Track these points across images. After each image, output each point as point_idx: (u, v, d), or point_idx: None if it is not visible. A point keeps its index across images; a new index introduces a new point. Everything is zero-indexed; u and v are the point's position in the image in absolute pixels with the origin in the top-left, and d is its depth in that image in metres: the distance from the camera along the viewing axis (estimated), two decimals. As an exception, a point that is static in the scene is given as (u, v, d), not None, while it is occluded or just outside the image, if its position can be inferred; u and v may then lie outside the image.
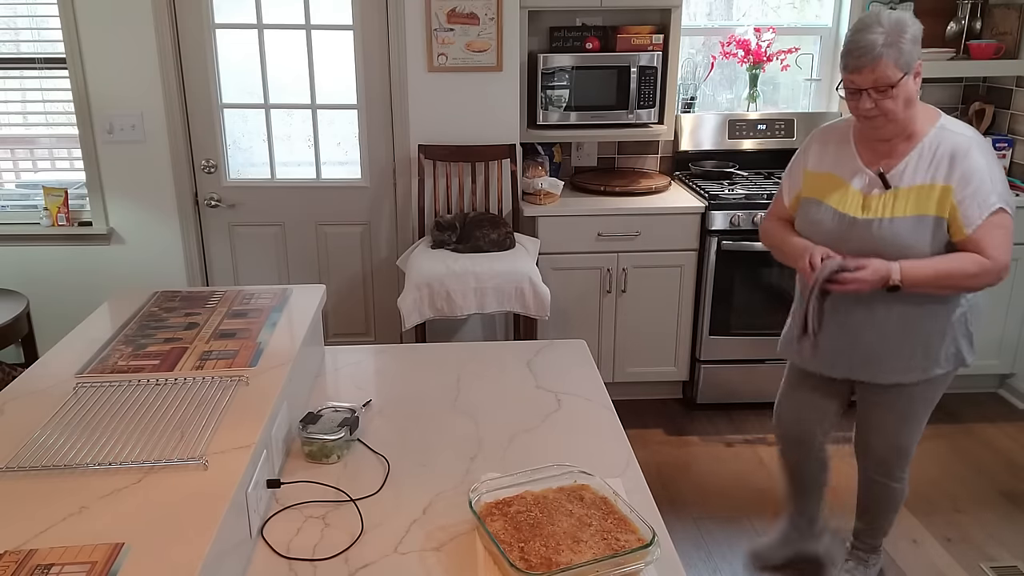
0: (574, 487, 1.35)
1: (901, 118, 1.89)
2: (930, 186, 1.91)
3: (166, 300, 1.92)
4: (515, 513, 1.28)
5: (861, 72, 1.84)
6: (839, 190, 2.03)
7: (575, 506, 1.30)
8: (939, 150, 1.92)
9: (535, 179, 3.51)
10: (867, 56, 1.82)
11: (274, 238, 3.65)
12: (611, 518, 1.27)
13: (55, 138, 3.59)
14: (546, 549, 1.20)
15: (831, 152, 2.09)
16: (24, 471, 1.21)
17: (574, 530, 1.24)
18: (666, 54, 3.54)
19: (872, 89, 1.85)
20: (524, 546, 1.20)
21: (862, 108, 1.89)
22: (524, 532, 1.24)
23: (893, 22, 1.82)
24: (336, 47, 3.45)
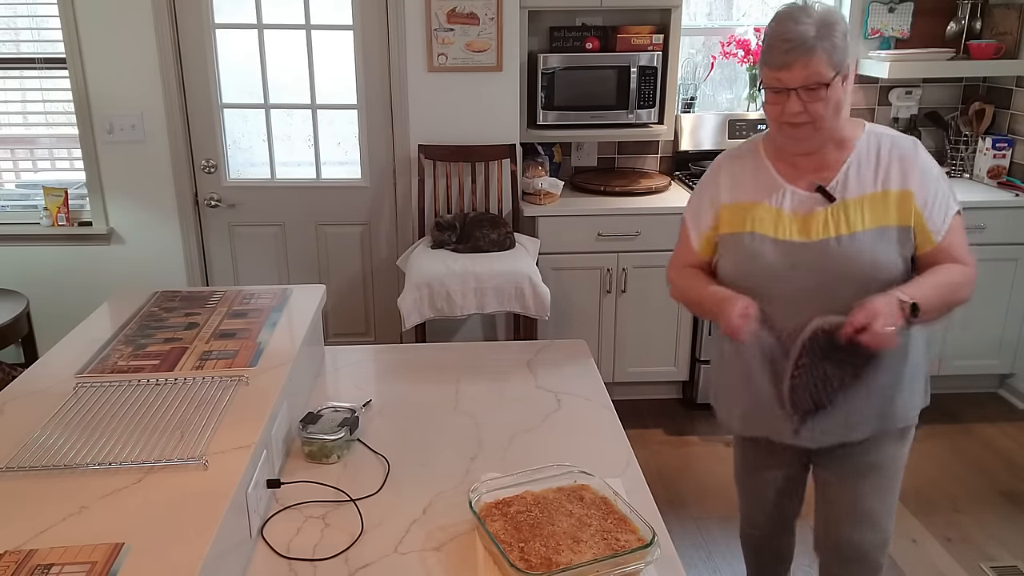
0: (574, 487, 1.35)
1: (828, 126, 1.62)
2: (883, 193, 1.64)
3: (166, 300, 1.92)
4: (515, 513, 1.28)
5: (791, 68, 1.55)
6: (768, 217, 1.70)
7: (575, 506, 1.30)
8: (882, 153, 1.67)
9: (535, 179, 3.51)
10: (798, 49, 1.54)
11: (274, 238, 3.65)
12: (611, 518, 1.27)
13: (55, 138, 3.59)
14: (546, 549, 1.20)
15: (747, 177, 1.76)
16: (24, 471, 1.21)
17: (574, 530, 1.24)
18: (666, 54, 3.54)
19: (802, 89, 1.57)
20: (524, 546, 1.20)
21: (788, 112, 1.59)
22: (524, 532, 1.24)
23: (824, 14, 1.58)
24: (336, 47, 3.45)
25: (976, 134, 3.78)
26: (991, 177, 3.69)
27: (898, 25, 3.75)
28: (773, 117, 1.64)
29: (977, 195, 3.52)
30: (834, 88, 1.58)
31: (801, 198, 1.68)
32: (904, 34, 3.76)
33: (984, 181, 3.71)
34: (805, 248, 1.66)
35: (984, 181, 3.71)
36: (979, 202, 3.43)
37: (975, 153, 3.79)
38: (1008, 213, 3.43)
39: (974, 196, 3.49)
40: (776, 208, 1.70)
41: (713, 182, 1.82)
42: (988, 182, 3.69)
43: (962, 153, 3.83)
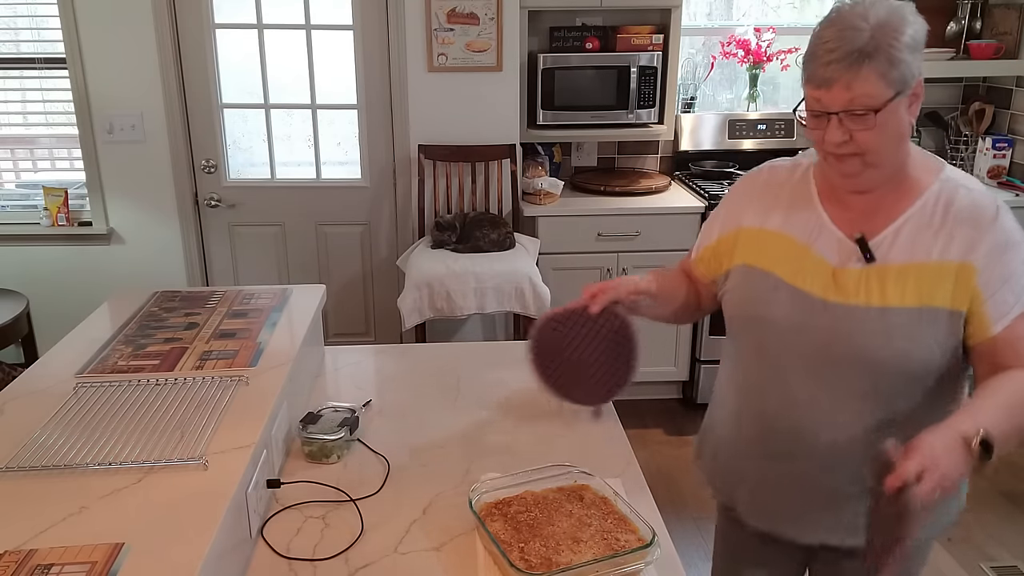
0: (574, 487, 1.35)
1: (886, 161, 1.27)
2: (939, 264, 1.27)
3: (166, 300, 1.92)
4: (515, 513, 1.28)
5: (831, 87, 1.21)
6: (796, 259, 1.36)
7: (575, 506, 1.30)
8: (952, 211, 1.28)
9: (535, 179, 3.51)
10: (842, 62, 1.20)
11: (274, 238, 3.65)
12: (611, 518, 1.27)
13: (55, 138, 3.59)
14: (546, 549, 1.20)
15: (782, 203, 1.42)
16: (24, 471, 1.21)
17: (574, 530, 1.24)
18: (666, 54, 3.54)
19: (845, 113, 1.22)
20: (524, 546, 1.20)
21: (830, 141, 1.25)
22: (524, 532, 1.24)
23: (885, 16, 1.21)
24: (336, 47, 3.45)
25: (976, 134, 3.78)
26: (991, 177, 3.70)
27: (898, 25, 3.75)
28: (815, 144, 1.32)
29: (977, 195, 3.52)
30: (891, 113, 1.21)
31: (839, 244, 1.33)
32: (904, 34, 3.76)
33: (984, 181, 3.71)
34: (826, 310, 1.32)
35: (984, 181, 3.71)
36: (979, 202, 3.43)
37: (975, 153, 3.79)
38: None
39: (974, 196, 3.49)
40: (809, 250, 1.35)
41: (742, 196, 1.50)
42: (988, 182, 3.69)
43: (962, 153, 3.83)
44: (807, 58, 1.26)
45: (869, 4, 1.23)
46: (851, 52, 1.19)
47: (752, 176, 1.51)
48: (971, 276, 1.26)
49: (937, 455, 1.07)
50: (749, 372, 1.45)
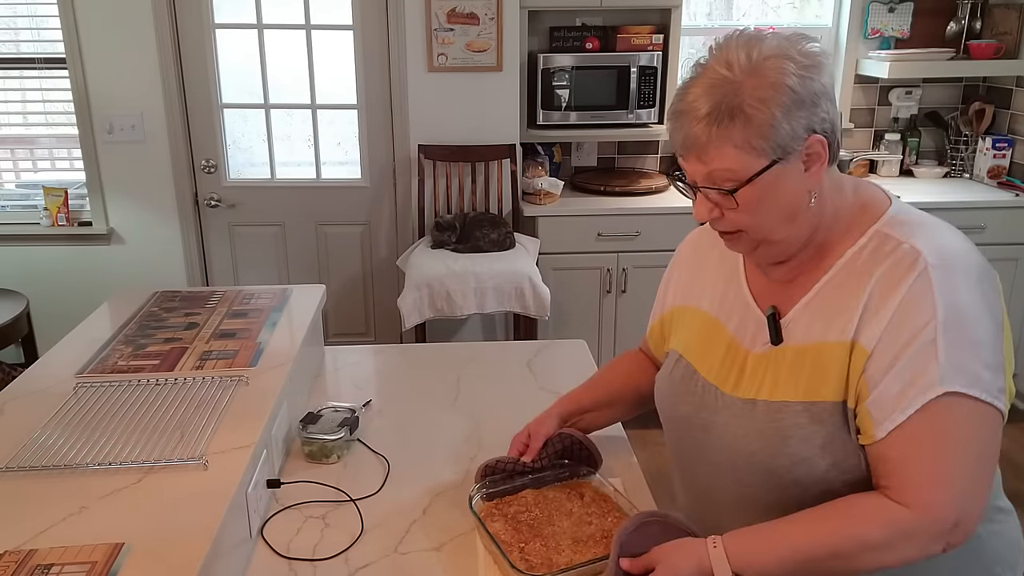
0: (574, 485, 1.35)
1: (779, 236, 1.03)
2: (837, 343, 1.01)
3: (166, 300, 1.92)
4: (515, 513, 1.28)
5: (686, 157, 1.02)
6: (709, 339, 1.18)
7: (575, 505, 1.30)
8: (869, 271, 1.00)
9: (535, 179, 3.51)
10: (694, 127, 0.98)
11: (274, 238, 3.65)
12: (611, 516, 1.27)
13: (55, 138, 3.59)
14: (546, 549, 1.20)
15: (708, 274, 1.23)
16: (24, 471, 1.21)
17: (575, 529, 1.24)
18: (666, 54, 3.54)
19: (706, 187, 1.01)
20: (524, 546, 1.20)
21: (698, 216, 1.05)
22: (524, 532, 1.23)
23: (758, 60, 0.96)
24: (336, 47, 3.45)
25: (976, 134, 3.78)
26: (991, 177, 3.69)
27: (898, 25, 3.75)
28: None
29: (977, 195, 3.52)
30: (767, 186, 0.98)
31: (756, 323, 1.12)
32: (904, 34, 3.76)
33: (984, 181, 3.71)
34: (718, 403, 1.12)
35: (984, 181, 3.71)
36: (979, 202, 3.43)
37: (975, 153, 3.79)
38: (1008, 213, 3.43)
39: (974, 196, 3.50)
40: (723, 327, 1.16)
41: (676, 264, 1.33)
42: (988, 182, 3.69)
43: (962, 153, 3.83)
44: (667, 115, 1.06)
45: (742, 42, 0.97)
46: (702, 117, 0.96)
47: (683, 244, 1.33)
48: (859, 357, 0.99)
49: (667, 567, 0.99)
50: (673, 462, 1.29)
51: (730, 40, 0.99)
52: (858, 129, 3.97)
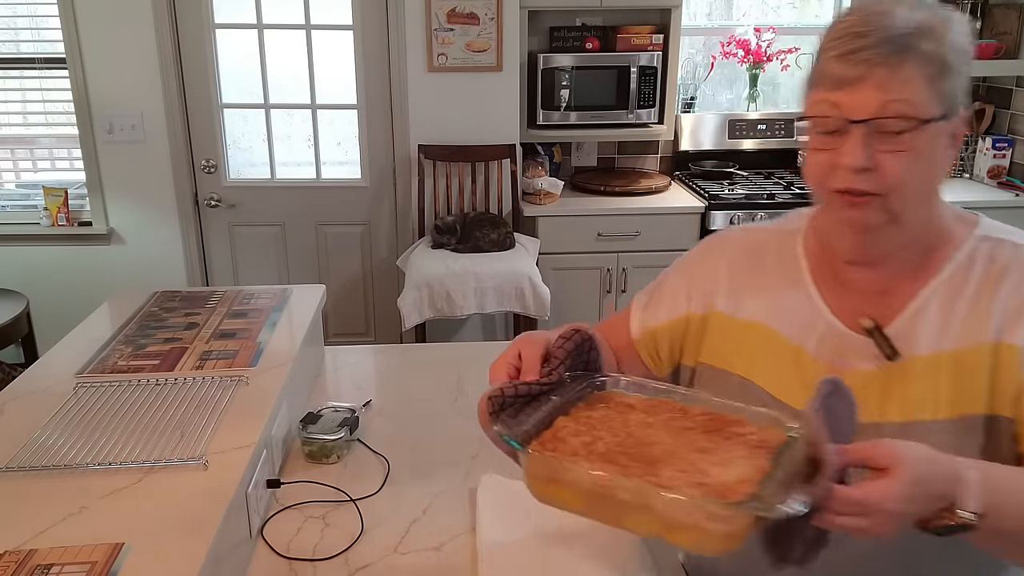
0: (605, 396, 0.94)
1: (913, 211, 0.91)
2: (975, 347, 0.91)
3: (166, 300, 1.92)
4: (581, 446, 0.84)
5: (857, 85, 0.86)
6: (784, 363, 1.00)
7: (639, 416, 0.89)
8: (990, 276, 0.93)
9: (535, 179, 3.51)
10: (877, 49, 0.84)
11: (274, 238, 3.65)
12: (711, 419, 0.88)
13: (55, 138, 3.59)
14: (686, 474, 0.78)
15: (762, 281, 1.06)
16: (24, 471, 1.21)
17: (684, 443, 0.83)
18: (666, 54, 3.54)
19: (876, 124, 0.85)
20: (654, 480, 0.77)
21: (846, 166, 0.87)
22: (628, 465, 0.80)
23: (927, 13, 0.87)
24: (336, 47, 3.45)
25: (976, 134, 3.78)
26: (991, 177, 3.70)
27: (898, 25, 3.75)
28: (816, 178, 0.92)
29: (977, 195, 3.52)
30: (932, 141, 0.87)
31: (841, 340, 0.97)
32: (904, 34, 3.76)
33: (984, 181, 3.71)
34: None
35: (984, 181, 3.71)
36: (979, 202, 3.43)
37: (975, 153, 3.79)
38: (1008, 213, 3.43)
39: (974, 196, 3.50)
40: (796, 347, 1.00)
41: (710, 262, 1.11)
42: (988, 182, 3.69)
43: (962, 153, 3.83)
44: (821, 52, 0.91)
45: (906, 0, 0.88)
46: (890, 38, 0.84)
47: (722, 239, 1.13)
48: (1014, 359, 0.88)
49: (885, 495, 0.74)
50: None
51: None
52: (858, 129, 3.97)
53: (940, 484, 0.77)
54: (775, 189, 3.52)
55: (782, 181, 3.67)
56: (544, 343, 0.96)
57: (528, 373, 0.93)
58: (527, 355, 0.95)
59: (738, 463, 0.78)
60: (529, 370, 0.93)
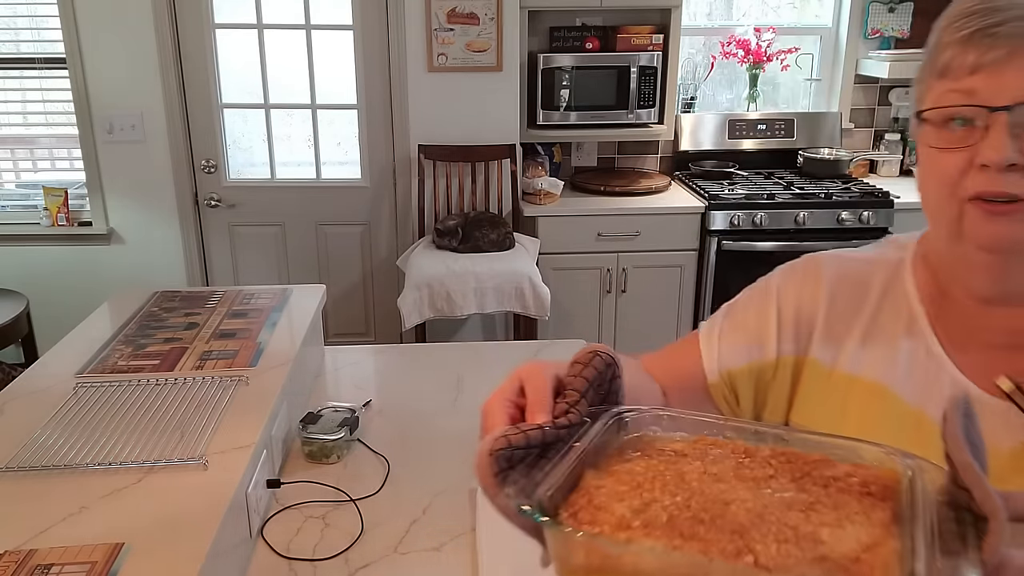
0: (649, 442, 0.66)
1: None
2: None
3: (166, 300, 1.92)
4: (630, 514, 0.56)
5: (1003, 66, 0.69)
6: (900, 430, 0.79)
7: (697, 466, 0.63)
8: None
9: (535, 179, 3.51)
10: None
11: (274, 238, 3.65)
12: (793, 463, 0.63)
13: (55, 138, 3.59)
14: (799, 549, 0.53)
15: (872, 327, 0.84)
16: (24, 471, 1.21)
17: (767, 501, 0.58)
18: (666, 54, 3.54)
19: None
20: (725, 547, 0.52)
21: (990, 160, 0.69)
22: (692, 528, 0.55)
23: None
24: (336, 47, 3.45)
25: None
26: None
27: (898, 25, 3.76)
28: (941, 187, 0.74)
29: None
30: None
31: (969, 403, 0.68)
32: (904, 34, 3.76)
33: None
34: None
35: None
36: (979, 202, 3.43)
37: (975, 153, 3.78)
38: None
39: None
40: (917, 412, 0.79)
41: (806, 290, 0.87)
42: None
43: None
44: (942, 35, 0.73)
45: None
46: None
47: (815, 262, 0.89)
48: None
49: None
50: None
51: None
52: (858, 129, 3.97)
53: None
54: (775, 189, 3.52)
55: (782, 181, 3.67)
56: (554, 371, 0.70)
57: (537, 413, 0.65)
58: (534, 388, 0.67)
59: (854, 520, 0.55)
60: (539, 408, 0.66)
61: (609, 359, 0.70)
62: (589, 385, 0.69)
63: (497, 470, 0.61)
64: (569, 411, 0.66)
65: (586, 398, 0.68)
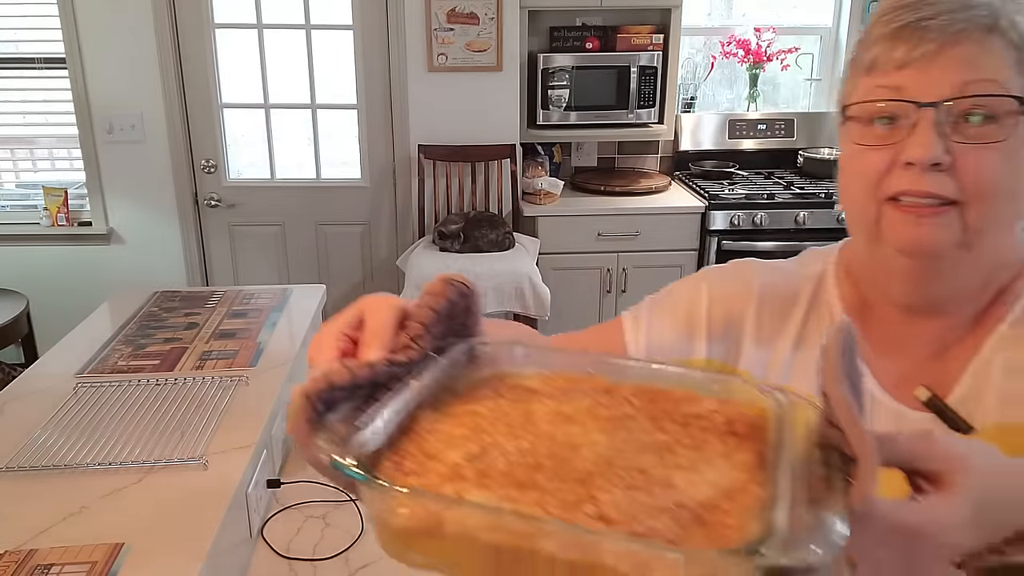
0: (503, 378, 0.60)
1: (994, 235, 0.70)
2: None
3: (166, 300, 1.92)
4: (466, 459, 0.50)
5: (929, 62, 0.66)
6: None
7: (547, 405, 0.57)
8: None
9: (535, 179, 3.51)
10: (958, 14, 0.66)
11: (274, 238, 3.65)
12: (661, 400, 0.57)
13: (55, 138, 3.58)
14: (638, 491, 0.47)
15: (803, 338, 0.81)
16: (24, 471, 1.21)
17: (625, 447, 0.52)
18: (666, 54, 3.54)
19: (960, 98, 0.65)
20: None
21: (911, 159, 0.67)
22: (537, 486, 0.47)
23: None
24: (336, 47, 3.45)
25: (976, 134, 3.78)
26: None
27: (898, 25, 3.75)
28: (862, 186, 0.71)
29: None
30: (1021, 132, 0.67)
31: (893, 417, 0.75)
32: (904, 34, 3.76)
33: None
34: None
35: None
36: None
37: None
38: None
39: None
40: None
41: (738, 284, 0.85)
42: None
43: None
44: (871, 30, 0.70)
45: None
46: (975, 4, 0.66)
47: (741, 270, 0.86)
48: None
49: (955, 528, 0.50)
50: None
51: None
52: (858, 129, 3.97)
53: (1014, 506, 0.52)
54: (775, 189, 3.52)
55: (782, 181, 3.67)
56: (402, 303, 0.60)
57: (371, 348, 0.57)
58: (374, 322, 0.58)
59: (714, 463, 0.49)
60: (374, 342, 0.57)
61: (464, 288, 0.62)
62: (438, 316, 0.59)
63: (312, 415, 0.52)
64: (409, 346, 0.57)
65: (432, 332, 0.59)
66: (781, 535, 0.41)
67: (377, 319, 0.58)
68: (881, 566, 0.50)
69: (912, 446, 0.51)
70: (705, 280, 0.87)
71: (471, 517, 0.45)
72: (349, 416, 0.52)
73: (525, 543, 0.43)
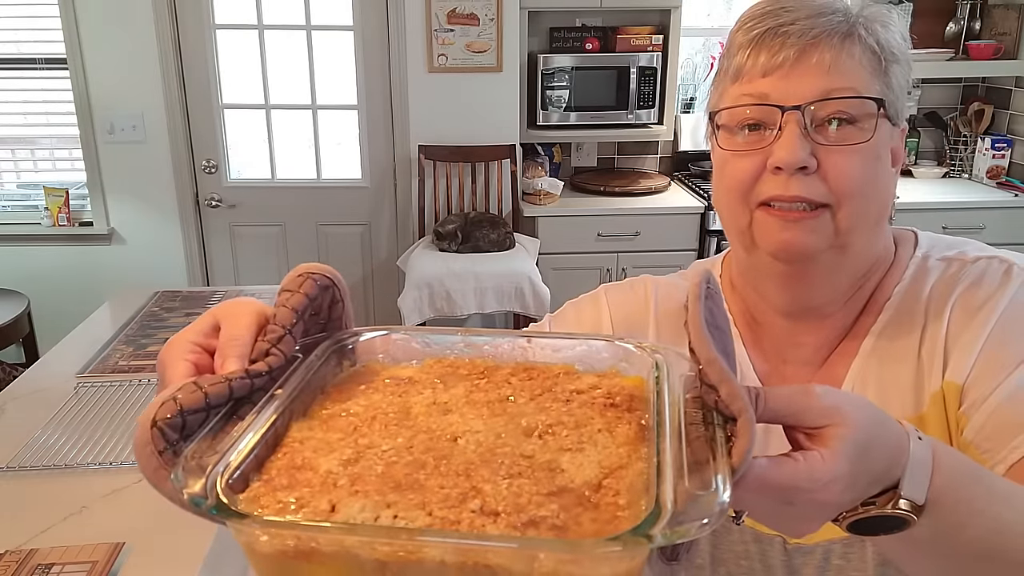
0: (369, 372, 0.58)
1: (865, 235, 0.72)
2: (919, 416, 0.73)
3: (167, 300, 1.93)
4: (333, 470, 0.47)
5: (792, 68, 0.69)
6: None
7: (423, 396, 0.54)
8: (932, 306, 0.75)
9: (535, 179, 3.51)
10: (815, 20, 0.69)
11: (274, 238, 3.66)
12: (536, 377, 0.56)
13: (56, 138, 3.59)
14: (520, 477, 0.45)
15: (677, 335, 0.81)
16: (25, 471, 1.21)
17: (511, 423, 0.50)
18: (666, 54, 3.55)
19: (822, 101, 0.68)
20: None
21: (778, 161, 0.68)
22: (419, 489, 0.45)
23: (864, 3, 0.73)
24: (336, 47, 3.45)
25: (975, 134, 3.79)
26: (990, 177, 3.70)
27: (898, 25, 3.76)
28: (734, 193, 0.73)
29: (976, 195, 3.52)
30: (884, 138, 0.71)
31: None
32: (904, 34, 3.76)
33: (983, 181, 3.72)
34: (784, 553, 0.77)
35: (983, 181, 3.72)
36: (978, 202, 3.44)
37: (974, 153, 3.79)
38: (1007, 213, 3.43)
39: (973, 196, 3.50)
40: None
41: (634, 295, 0.87)
42: (987, 182, 3.69)
43: (961, 153, 3.83)
44: (735, 39, 0.72)
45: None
46: (832, 11, 0.69)
47: (639, 287, 0.87)
48: (954, 398, 0.71)
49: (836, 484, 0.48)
50: None
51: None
52: (858, 129, 3.97)
53: (884, 458, 0.52)
54: (775, 189, 3.52)
55: (782, 181, 3.67)
56: (259, 307, 0.55)
57: (227, 360, 0.51)
58: (230, 329, 0.53)
59: (596, 441, 0.48)
60: (230, 352, 0.52)
61: (325, 281, 0.58)
62: (299, 316, 0.54)
63: (164, 446, 0.49)
64: (270, 352, 0.52)
65: (293, 333, 0.53)
66: (668, 513, 0.40)
67: (232, 325, 0.53)
68: (763, 519, 0.52)
69: (790, 400, 0.50)
70: (604, 295, 0.87)
71: (345, 536, 0.41)
72: (207, 441, 0.48)
73: (410, 555, 0.41)
